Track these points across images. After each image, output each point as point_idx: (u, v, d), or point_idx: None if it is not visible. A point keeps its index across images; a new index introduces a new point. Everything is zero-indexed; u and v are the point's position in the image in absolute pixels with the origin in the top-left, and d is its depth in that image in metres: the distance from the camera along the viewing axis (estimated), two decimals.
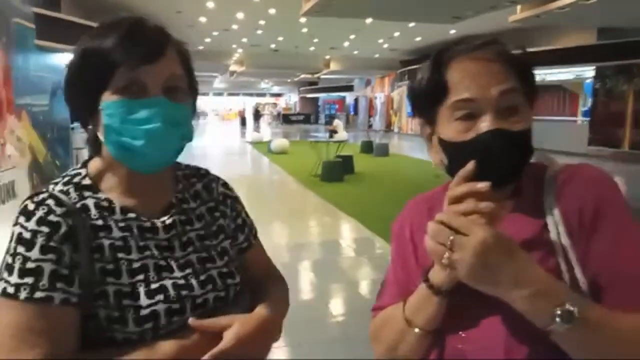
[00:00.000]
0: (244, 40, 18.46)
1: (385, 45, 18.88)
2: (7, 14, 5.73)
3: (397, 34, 16.21)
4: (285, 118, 37.77)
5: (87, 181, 0.83)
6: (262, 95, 52.09)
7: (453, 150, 0.76)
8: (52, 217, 0.75)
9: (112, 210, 0.81)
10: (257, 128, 29.46)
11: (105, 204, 0.81)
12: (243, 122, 32.86)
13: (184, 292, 0.81)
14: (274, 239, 5.52)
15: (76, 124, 0.90)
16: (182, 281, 0.82)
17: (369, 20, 12.74)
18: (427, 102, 0.79)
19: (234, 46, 20.67)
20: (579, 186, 0.74)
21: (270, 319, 0.87)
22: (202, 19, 14.22)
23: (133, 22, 0.79)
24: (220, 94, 52.35)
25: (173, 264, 0.82)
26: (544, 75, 15.78)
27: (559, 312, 0.61)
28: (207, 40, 18.47)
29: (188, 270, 0.83)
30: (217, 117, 48.61)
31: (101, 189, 0.83)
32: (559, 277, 0.69)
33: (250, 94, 51.24)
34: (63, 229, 0.75)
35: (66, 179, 0.83)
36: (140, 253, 0.80)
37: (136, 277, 0.78)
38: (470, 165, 0.70)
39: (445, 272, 0.69)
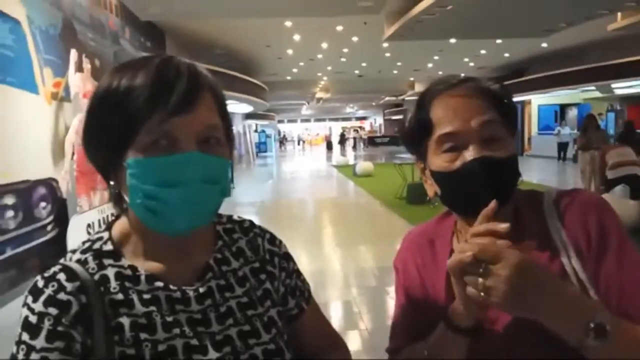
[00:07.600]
0: (329, 68, 19.03)
1: (472, 64, 18.36)
2: (122, 58, 6.48)
3: (483, 51, 15.73)
4: (370, 140, 37.86)
5: (108, 247, 0.71)
6: (348, 119, 53.00)
7: (443, 180, 0.82)
8: (61, 296, 0.64)
9: (137, 280, 0.69)
10: (342, 152, 29.98)
11: (128, 272, 0.69)
12: (329, 146, 33.52)
13: None
14: (360, 262, 5.50)
15: None
16: None
17: (452, 40, 12.53)
18: (416, 139, 0.85)
19: (320, 74, 21.38)
20: (582, 210, 0.78)
21: None
22: (290, 51, 14.93)
23: (162, 63, 0.66)
24: (307, 121, 54.13)
25: (207, 342, 0.68)
26: None
27: (592, 326, 0.63)
28: (294, 70, 19.31)
29: (226, 349, 0.69)
30: (303, 143, 50.08)
31: (125, 254, 0.71)
32: None
33: (336, 119, 52.36)
34: (74, 308, 0.63)
35: (86, 245, 0.72)
36: (167, 332, 0.67)
37: None
38: (492, 204, 0.72)
39: (463, 308, 0.71)
